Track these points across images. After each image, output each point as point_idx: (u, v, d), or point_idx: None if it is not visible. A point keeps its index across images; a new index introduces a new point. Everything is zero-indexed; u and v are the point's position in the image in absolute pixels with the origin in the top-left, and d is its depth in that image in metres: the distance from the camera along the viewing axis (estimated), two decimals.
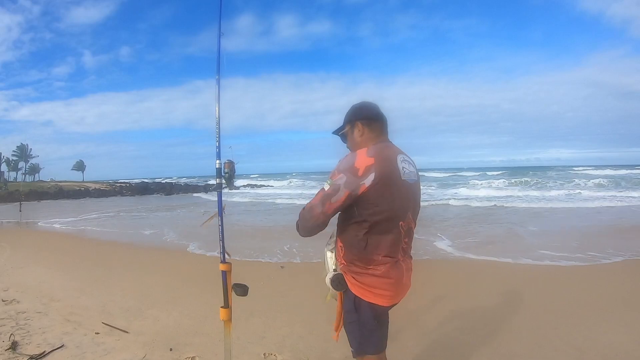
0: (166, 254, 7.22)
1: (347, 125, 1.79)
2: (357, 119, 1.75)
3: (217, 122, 2.17)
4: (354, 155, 1.62)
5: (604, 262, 5.66)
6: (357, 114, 1.77)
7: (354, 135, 1.76)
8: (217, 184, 2.26)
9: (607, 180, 26.80)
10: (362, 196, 1.57)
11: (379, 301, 1.65)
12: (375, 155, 1.59)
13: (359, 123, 1.75)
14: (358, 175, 1.55)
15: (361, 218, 1.61)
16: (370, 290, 1.64)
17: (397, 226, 1.64)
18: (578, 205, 14.24)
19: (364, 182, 1.55)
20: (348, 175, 1.56)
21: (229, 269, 2.30)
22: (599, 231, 8.73)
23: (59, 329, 3.42)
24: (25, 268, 6.03)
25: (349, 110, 1.82)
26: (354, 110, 1.80)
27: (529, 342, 3.08)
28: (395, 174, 1.62)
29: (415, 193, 1.75)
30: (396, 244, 1.66)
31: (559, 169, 57.41)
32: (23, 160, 75.47)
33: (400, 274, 1.69)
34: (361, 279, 1.64)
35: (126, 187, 41.08)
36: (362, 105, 1.81)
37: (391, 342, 3.13)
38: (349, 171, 1.57)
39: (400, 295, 1.75)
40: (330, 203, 1.59)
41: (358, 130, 1.75)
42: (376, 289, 1.64)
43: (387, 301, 1.68)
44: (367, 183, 1.55)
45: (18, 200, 18.70)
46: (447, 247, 6.90)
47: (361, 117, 1.75)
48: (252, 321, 3.52)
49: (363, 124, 1.75)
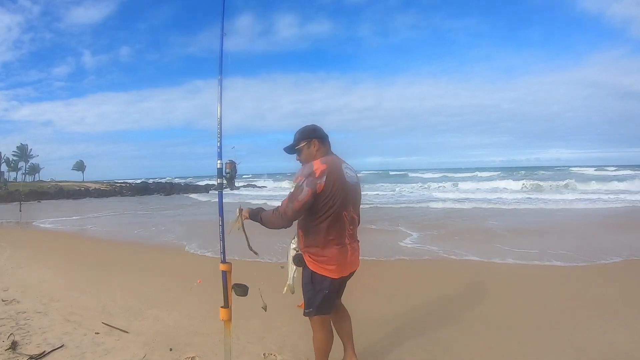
0: (166, 253, 7.22)
1: (303, 142, 2.25)
2: (314, 137, 2.24)
3: (218, 122, 2.17)
4: (311, 164, 2.12)
5: (604, 262, 5.66)
6: (312, 134, 2.25)
7: (309, 150, 2.24)
8: (218, 184, 2.26)
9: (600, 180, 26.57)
10: (320, 193, 2.06)
11: (329, 274, 2.15)
12: (327, 163, 2.13)
13: (316, 140, 2.24)
14: (316, 176, 2.06)
15: (317, 210, 2.10)
16: (322, 266, 2.15)
17: (342, 216, 2.15)
18: (569, 207, 14.23)
19: (321, 181, 2.06)
20: (308, 178, 2.06)
21: (229, 269, 2.30)
22: (599, 231, 8.72)
23: (59, 329, 3.42)
24: (25, 268, 6.03)
25: (303, 130, 2.27)
26: (309, 130, 2.27)
27: (529, 342, 3.08)
28: (341, 176, 2.15)
29: (356, 192, 2.29)
30: (342, 230, 2.18)
31: (557, 169, 56.55)
32: (23, 160, 75.53)
33: (345, 254, 2.19)
34: (316, 258, 2.16)
35: (126, 187, 41.04)
36: (316, 127, 2.29)
37: (391, 342, 3.14)
38: (309, 175, 2.07)
39: (346, 271, 2.24)
40: (297, 201, 2.06)
41: (314, 146, 2.24)
42: (327, 265, 2.15)
43: (335, 274, 2.17)
44: (322, 182, 2.06)
45: (18, 200, 18.72)
46: (442, 248, 6.90)
47: (316, 135, 2.25)
48: (252, 321, 3.51)
49: (318, 141, 2.25)
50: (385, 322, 3.56)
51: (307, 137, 2.25)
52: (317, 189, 2.05)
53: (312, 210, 2.11)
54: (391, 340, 3.20)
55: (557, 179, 30.38)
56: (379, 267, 5.67)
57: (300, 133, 2.28)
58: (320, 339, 2.29)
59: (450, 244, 7.18)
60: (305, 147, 2.25)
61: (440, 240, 7.64)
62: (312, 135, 2.25)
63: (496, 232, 8.70)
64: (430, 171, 59.19)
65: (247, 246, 2.36)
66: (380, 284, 4.84)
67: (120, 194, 36.11)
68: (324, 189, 2.06)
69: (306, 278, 2.21)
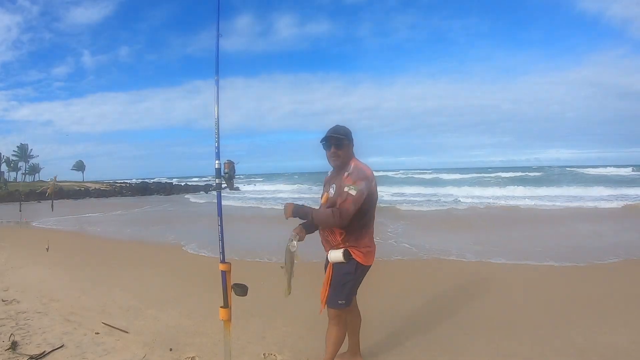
0: (166, 253, 7.21)
1: (347, 141, 2.43)
2: (351, 140, 2.47)
3: (216, 122, 2.17)
4: (361, 168, 2.35)
5: (604, 262, 5.66)
6: (351, 136, 2.47)
7: (349, 150, 2.45)
8: (216, 184, 2.26)
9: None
10: (371, 194, 2.34)
11: (369, 262, 2.44)
12: (369, 166, 2.40)
13: (351, 143, 2.47)
14: (370, 180, 2.32)
15: (365, 209, 2.34)
16: (368, 257, 2.42)
17: (374, 215, 2.47)
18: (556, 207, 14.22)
19: (373, 184, 2.35)
20: (366, 181, 2.28)
21: (229, 269, 2.30)
22: (599, 231, 8.72)
23: (59, 329, 3.42)
24: (25, 268, 6.03)
25: (346, 130, 2.45)
26: (349, 132, 2.48)
27: (529, 342, 3.08)
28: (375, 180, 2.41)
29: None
30: (373, 227, 2.50)
31: (550, 169, 54.96)
32: (23, 160, 75.53)
33: (375, 245, 2.51)
34: (365, 251, 2.40)
35: (126, 187, 41.03)
36: (350, 131, 2.50)
37: (391, 342, 3.14)
38: (365, 178, 2.29)
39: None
40: (359, 203, 2.26)
41: (351, 147, 2.47)
42: (372, 256, 2.46)
43: (371, 262, 2.47)
44: (374, 184, 2.36)
45: (18, 200, 18.70)
46: (441, 249, 6.90)
47: (352, 139, 2.48)
48: (252, 321, 3.52)
49: (352, 144, 2.49)
50: (385, 322, 3.55)
51: (350, 138, 2.45)
52: (372, 191, 2.33)
53: (362, 210, 2.30)
54: (391, 340, 3.20)
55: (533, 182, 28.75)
56: (378, 267, 5.66)
57: (346, 131, 2.44)
58: (338, 333, 2.46)
59: (452, 244, 7.18)
60: (348, 146, 2.44)
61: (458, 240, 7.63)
62: (352, 137, 2.47)
63: (496, 232, 8.70)
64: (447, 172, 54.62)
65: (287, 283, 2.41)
66: (380, 283, 4.84)
67: (120, 194, 36.09)
68: (373, 190, 2.35)
69: (349, 269, 2.37)
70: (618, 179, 27.88)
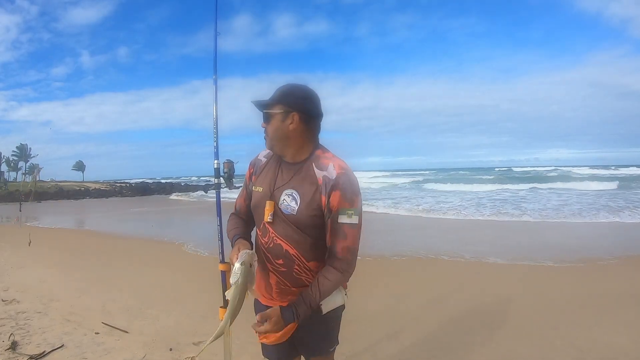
0: (166, 253, 7.21)
1: (277, 107, 1.42)
2: (297, 110, 1.41)
3: (214, 122, 2.17)
4: (347, 173, 1.41)
5: (604, 262, 5.65)
6: (298, 104, 1.41)
7: (284, 124, 1.42)
8: (215, 183, 2.26)
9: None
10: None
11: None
12: (346, 162, 1.48)
13: (297, 115, 1.41)
14: (360, 194, 1.45)
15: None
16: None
17: None
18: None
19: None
20: (361, 197, 1.44)
21: (228, 269, 2.29)
22: (599, 231, 8.72)
23: (59, 329, 3.42)
24: (25, 268, 6.03)
25: (286, 89, 1.44)
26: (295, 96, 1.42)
27: (529, 342, 3.07)
28: None
29: None
30: None
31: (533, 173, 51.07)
32: (23, 160, 75.48)
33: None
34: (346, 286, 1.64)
35: (126, 187, 41.04)
36: (308, 95, 1.45)
37: (391, 342, 3.14)
38: (359, 193, 1.44)
39: None
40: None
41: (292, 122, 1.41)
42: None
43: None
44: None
45: (18, 200, 18.72)
46: (441, 247, 6.90)
47: (302, 109, 1.41)
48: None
49: (301, 118, 1.41)
50: (384, 321, 3.55)
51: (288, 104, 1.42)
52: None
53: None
54: (391, 340, 3.19)
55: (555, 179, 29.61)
56: (378, 267, 5.66)
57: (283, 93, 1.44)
58: None
59: (454, 244, 7.18)
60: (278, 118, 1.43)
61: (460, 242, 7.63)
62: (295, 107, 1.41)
63: (495, 232, 8.70)
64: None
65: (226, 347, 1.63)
66: (379, 283, 4.84)
67: (120, 194, 36.10)
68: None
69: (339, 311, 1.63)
70: (617, 179, 27.78)
